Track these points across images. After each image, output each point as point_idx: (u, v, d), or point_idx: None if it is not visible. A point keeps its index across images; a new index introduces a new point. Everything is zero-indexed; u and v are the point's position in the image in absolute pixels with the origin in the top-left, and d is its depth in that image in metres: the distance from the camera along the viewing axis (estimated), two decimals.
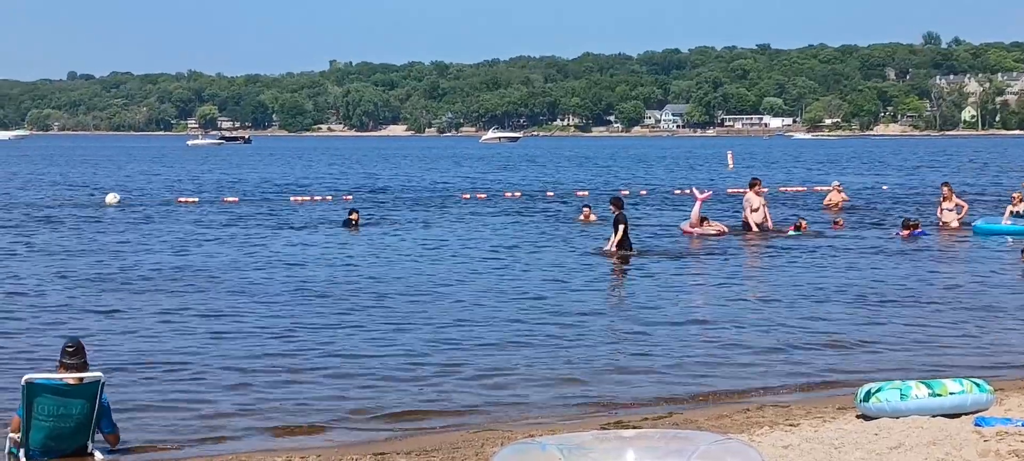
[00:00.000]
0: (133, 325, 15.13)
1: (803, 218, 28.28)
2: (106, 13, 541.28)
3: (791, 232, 26.40)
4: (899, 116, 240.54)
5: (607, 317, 15.79)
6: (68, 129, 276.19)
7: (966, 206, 29.25)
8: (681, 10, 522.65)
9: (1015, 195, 28.54)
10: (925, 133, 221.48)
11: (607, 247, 22.82)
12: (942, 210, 28.66)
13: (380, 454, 9.12)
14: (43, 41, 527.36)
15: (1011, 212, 27.80)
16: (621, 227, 22.50)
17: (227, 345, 13.80)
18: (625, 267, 21.31)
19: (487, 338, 14.18)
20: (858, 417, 9.59)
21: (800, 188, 45.95)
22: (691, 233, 26.38)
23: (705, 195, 27.92)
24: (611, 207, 23.08)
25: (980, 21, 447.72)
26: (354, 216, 29.36)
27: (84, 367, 9.09)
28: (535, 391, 11.58)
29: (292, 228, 29.27)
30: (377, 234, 27.70)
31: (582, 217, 30.73)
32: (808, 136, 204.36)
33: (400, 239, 26.70)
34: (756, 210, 27.35)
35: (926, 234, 26.15)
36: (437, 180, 56.94)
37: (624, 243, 22.52)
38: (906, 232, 25.95)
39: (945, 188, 29.60)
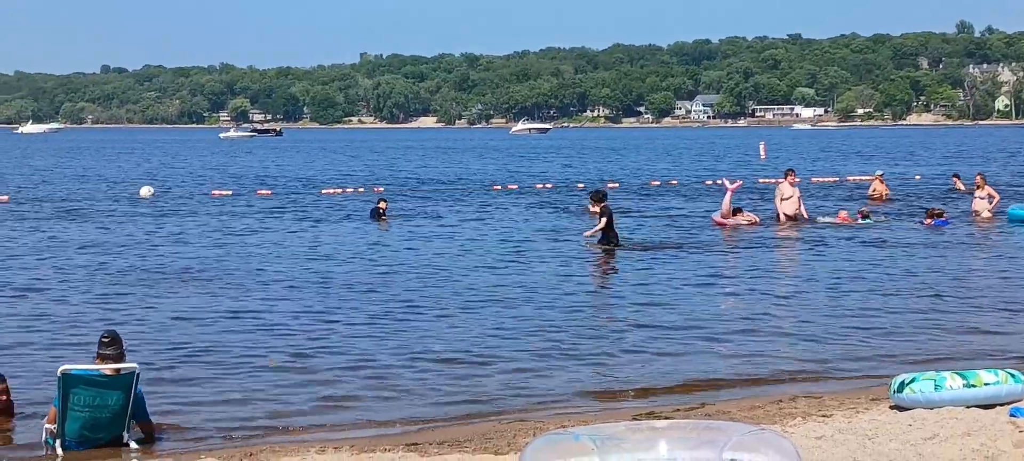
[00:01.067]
0: (165, 316, 15.24)
1: (859, 208, 28.23)
2: (139, 6, 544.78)
3: (860, 221, 26.55)
4: (932, 106, 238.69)
5: (637, 308, 15.75)
6: (102, 122, 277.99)
7: (998, 196, 29.01)
8: (711, 1, 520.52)
9: None
10: (958, 122, 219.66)
11: (588, 234, 22.59)
12: (975, 199, 28.55)
13: (413, 444, 9.15)
14: (77, 35, 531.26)
15: None
16: (603, 220, 22.12)
17: (259, 336, 13.87)
18: (651, 258, 21.22)
19: (517, 329, 14.19)
20: (892, 408, 9.55)
21: (831, 178, 45.67)
22: (723, 224, 26.22)
23: (736, 185, 27.79)
24: (591, 202, 22.59)
25: (1014, 9, 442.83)
26: (382, 205, 29.41)
27: (120, 358, 9.17)
28: (565, 382, 11.58)
29: (323, 221, 29.36)
30: (404, 226, 27.74)
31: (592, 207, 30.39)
32: (837, 126, 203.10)
33: (428, 230, 26.73)
34: (788, 199, 27.25)
35: (948, 223, 26.08)
36: (468, 171, 56.98)
37: (610, 236, 22.13)
38: (929, 220, 26.05)
39: (978, 177, 29.46)
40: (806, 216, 27.08)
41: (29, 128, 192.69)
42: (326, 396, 11.04)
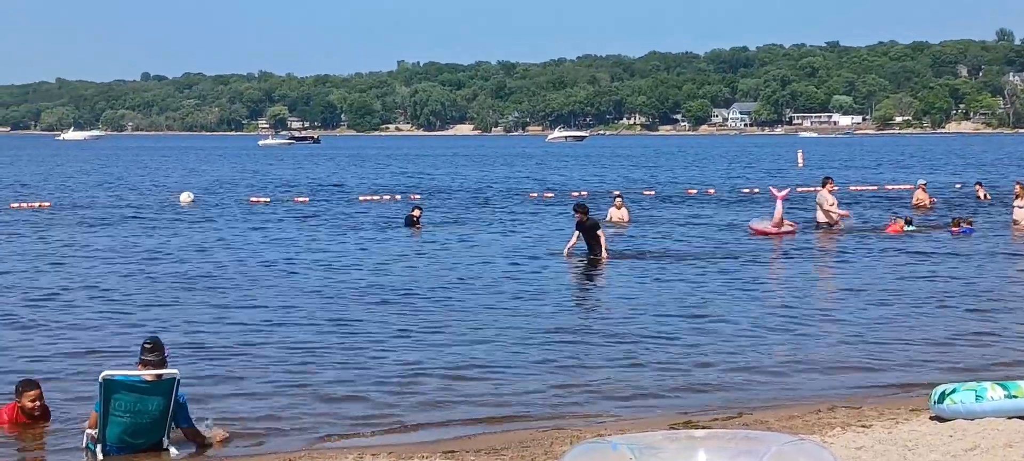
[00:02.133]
0: (203, 322, 15.34)
1: (902, 217, 28.10)
2: (179, 15, 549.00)
3: (905, 227, 26.51)
4: (971, 114, 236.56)
5: (673, 317, 15.70)
6: (141, 129, 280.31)
7: None
8: (749, 8, 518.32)
9: None
10: (998, 131, 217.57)
11: (568, 247, 22.07)
12: (1015, 208, 28.28)
13: (450, 452, 9.17)
14: (117, 43, 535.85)
15: None
16: (599, 233, 21.72)
17: (296, 343, 13.93)
18: (680, 266, 21.14)
19: (551, 337, 14.19)
20: (932, 419, 9.47)
21: (871, 187, 45.37)
22: (767, 232, 26.01)
23: (784, 193, 27.66)
24: (577, 214, 22.07)
25: None
26: (416, 212, 29.49)
27: (162, 364, 9.24)
28: (600, 390, 11.56)
29: (358, 228, 29.46)
30: (439, 233, 27.77)
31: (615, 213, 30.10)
32: (874, 133, 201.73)
33: (462, 238, 26.78)
34: (830, 208, 27.24)
35: (973, 230, 25.95)
36: (503, 178, 57.03)
37: (595, 247, 21.66)
38: (956, 229, 26.07)
39: (1017, 186, 29.17)
40: (841, 224, 26.99)
41: (71, 135, 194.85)
42: (363, 403, 11.07)
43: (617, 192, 35.13)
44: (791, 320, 15.42)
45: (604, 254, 21.53)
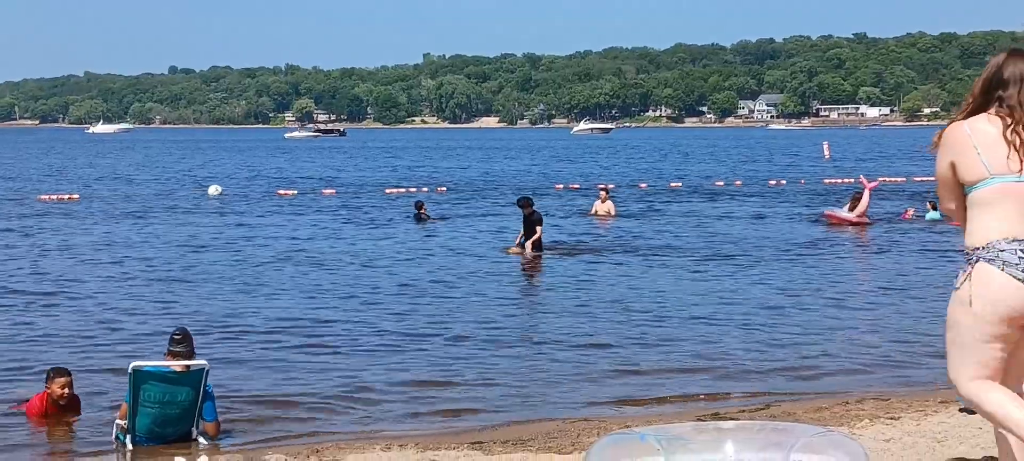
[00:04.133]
0: (231, 313, 15.42)
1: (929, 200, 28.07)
2: (206, 8, 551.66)
3: (930, 210, 26.59)
4: None
5: (700, 307, 15.67)
6: (169, 122, 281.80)
7: None
8: None
9: None
10: None
11: (516, 244, 21.84)
12: None
13: (478, 443, 9.18)
14: (145, 36, 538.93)
15: None
16: (538, 228, 21.45)
17: (324, 336, 13.99)
18: (703, 259, 21.09)
19: (576, 326, 14.20)
20: (961, 411, 9.41)
21: (899, 179, 45.12)
22: (845, 220, 26.03)
23: (874, 184, 27.69)
24: (522, 207, 21.79)
25: None
26: (422, 210, 29.27)
27: (191, 355, 9.30)
28: (627, 381, 11.57)
29: (383, 221, 29.52)
30: (449, 227, 27.67)
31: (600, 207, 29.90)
32: (902, 124, 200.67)
33: (475, 229, 26.81)
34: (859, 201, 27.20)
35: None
36: (533, 170, 57.04)
37: (537, 243, 21.43)
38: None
39: None
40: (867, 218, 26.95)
41: (100, 128, 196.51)
42: (390, 393, 11.11)
43: (602, 185, 35.04)
44: (819, 313, 15.36)
45: (529, 248, 21.32)
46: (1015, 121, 5.01)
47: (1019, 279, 4.92)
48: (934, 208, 26.93)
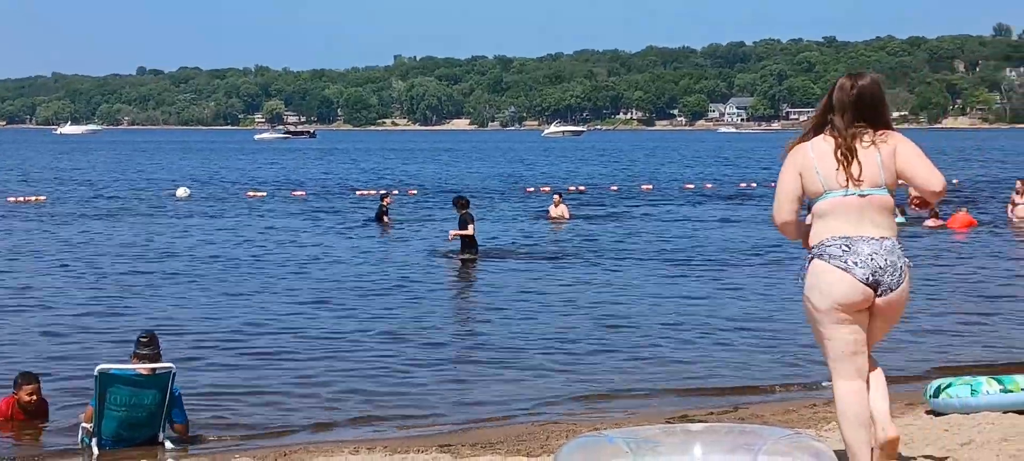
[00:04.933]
0: (197, 316, 15.35)
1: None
2: (175, 8, 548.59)
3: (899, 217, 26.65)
4: (968, 109, 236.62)
5: (664, 310, 15.71)
6: (138, 124, 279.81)
7: None
8: (746, 3, 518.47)
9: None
10: (995, 126, 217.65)
11: (452, 235, 21.41)
12: (1014, 205, 28.31)
13: (446, 445, 9.17)
14: (113, 37, 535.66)
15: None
16: (470, 227, 21.12)
17: (293, 338, 13.94)
18: (673, 264, 21.14)
19: (544, 331, 14.20)
20: (927, 413, 9.47)
21: None
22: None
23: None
24: (457, 207, 21.58)
25: None
26: (386, 201, 29.21)
27: (157, 358, 9.24)
28: (596, 384, 11.58)
29: (352, 224, 29.44)
30: (412, 230, 27.53)
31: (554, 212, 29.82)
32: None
33: (438, 233, 26.79)
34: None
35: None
36: (501, 173, 57.04)
37: (471, 245, 21.11)
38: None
39: (1019, 183, 29.21)
40: None
41: (68, 129, 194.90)
42: (359, 397, 11.08)
43: (549, 189, 35.12)
44: (783, 315, 15.42)
45: (451, 235, 21.21)
46: (837, 145, 5.79)
47: (842, 268, 5.68)
48: (903, 213, 26.99)
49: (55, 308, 16.16)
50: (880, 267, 5.74)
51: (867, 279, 5.71)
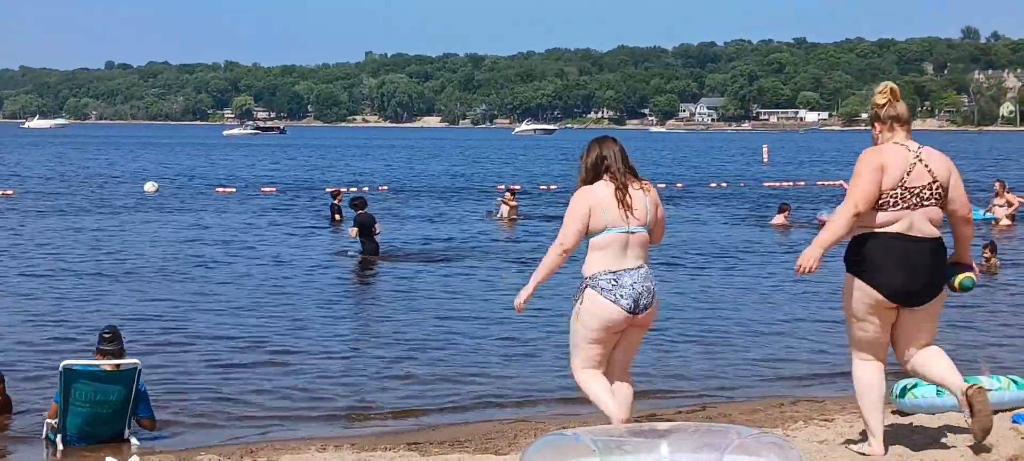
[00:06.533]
0: (164, 312, 15.25)
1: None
2: (143, 3, 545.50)
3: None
4: (937, 111, 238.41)
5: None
6: (106, 118, 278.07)
7: (1016, 203, 28.80)
8: (717, 3, 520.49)
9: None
10: (962, 128, 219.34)
11: (352, 235, 21.11)
12: (994, 207, 28.48)
13: (414, 443, 9.15)
14: (81, 31, 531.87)
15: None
16: (377, 226, 21.01)
17: (261, 336, 13.87)
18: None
19: (513, 328, 14.19)
20: (894, 413, 9.51)
21: (838, 182, 45.61)
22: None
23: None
24: (353, 207, 21.36)
25: (1020, 15, 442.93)
26: (337, 199, 28.91)
27: (121, 354, 9.17)
28: (566, 383, 11.57)
29: (321, 222, 29.34)
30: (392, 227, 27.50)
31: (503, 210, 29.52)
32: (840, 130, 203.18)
33: (417, 232, 26.74)
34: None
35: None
36: (475, 172, 56.98)
37: (372, 245, 20.89)
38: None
39: (998, 184, 29.43)
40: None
41: (36, 123, 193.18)
42: (326, 395, 11.04)
43: (502, 186, 35.13)
44: (754, 315, 15.47)
45: (352, 233, 20.96)
46: (617, 186, 6.93)
47: (609, 300, 6.89)
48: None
49: (19, 303, 16.01)
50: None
51: None
